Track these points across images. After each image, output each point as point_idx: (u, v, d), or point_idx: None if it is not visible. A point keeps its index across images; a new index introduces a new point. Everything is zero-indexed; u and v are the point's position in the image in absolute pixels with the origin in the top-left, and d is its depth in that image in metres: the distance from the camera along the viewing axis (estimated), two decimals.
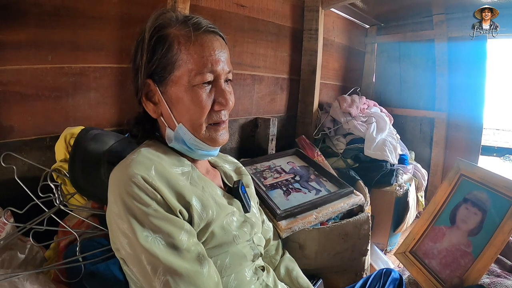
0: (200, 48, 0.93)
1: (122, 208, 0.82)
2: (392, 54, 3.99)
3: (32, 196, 1.25)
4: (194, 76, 0.92)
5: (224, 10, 2.25)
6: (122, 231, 0.83)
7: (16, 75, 1.44)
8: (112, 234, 0.90)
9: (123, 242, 0.84)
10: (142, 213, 0.81)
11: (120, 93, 1.77)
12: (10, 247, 1.25)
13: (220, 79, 0.97)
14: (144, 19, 1.02)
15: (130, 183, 0.82)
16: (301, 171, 2.00)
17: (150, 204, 0.82)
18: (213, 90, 0.96)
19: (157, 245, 0.80)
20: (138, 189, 0.82)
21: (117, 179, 0.86)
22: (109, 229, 0.91)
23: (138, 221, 0.81)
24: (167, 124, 1.01)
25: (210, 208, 0.93)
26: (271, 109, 2.82)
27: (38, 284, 1.14)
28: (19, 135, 1.47)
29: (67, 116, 1.60)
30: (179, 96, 0.94)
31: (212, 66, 0.93)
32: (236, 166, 1.34)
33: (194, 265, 0.82)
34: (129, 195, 0.82)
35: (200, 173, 1.04)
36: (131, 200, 0.82)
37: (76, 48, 1.59)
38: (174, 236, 0.82)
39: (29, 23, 1.44)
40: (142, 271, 0.82)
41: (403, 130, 3.64)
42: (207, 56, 0.93)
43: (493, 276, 1.75)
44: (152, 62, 0.95)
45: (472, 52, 3.43)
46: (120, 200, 0.83)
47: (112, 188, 0.87)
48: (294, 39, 2.91)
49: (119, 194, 0.83)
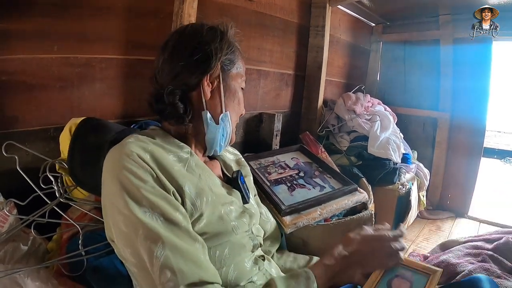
0: (243, 63, 1.14)
1: (119, 185, 0.82)
2: (397, 53, 3.97)
3: (35, 187, 1.24)
4: (242, 81, 1.13)
5: (232, 4, 2.23)
6: (118, 209, 0.82)
7: (21, 65, 1.42)
8: (107, 219, 0.89)
9: (118, 221, 0.82)
10: (140, 189, 0.81)
11: (126, 84, 1.76)
12: (13, 238, 1.24)
13: None
14: (151, 11, 1.04)
15: (128, 160, 0.83)
16: (305, 167, 1.97)
17: (148, 181, 0.83)
18: None
19: (155, 220, 0.80)
20: (135, 165, 0.83)
21: (113, 158, 0.87)
22: (104, 215, 0.90)
23: (136, 196, 0.81)
24: (213, 108, 1.06)
25: (205, 195, 0.93)
26: (276, 105, 2.80)
27: (39, 281, 1.13)
28: (23, 125, 1.46)
29: (72, 107, 1.59)
30: (236, 89, 1.10)
31: (244, 80, 1.15)
32: (236, 157, 1.36)
33: (193, 243, 0.83)
34: (126, 171, 0.82)
35: (199, 160, 1.04)
36: (128, 176, 0.82)
37: (82, 39, 1.57)
38: (171, 213, 0.82)
39: (35, 12, 1.42)
40: (139, 247, 0.79)
41: (406, 129, 3.62)
42: (244, 71, 1.15)
43: (493, 277, 1.75)
44: (226, 52, 1.05)
45: (477, 54, 3.42)
46: (116, 178, 0.82)
47: (108, 167, 0.87)
48: (301, 35, 2.89)
49: (115, 172, 0.84)
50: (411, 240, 3.10)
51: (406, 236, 1.09)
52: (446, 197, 3.77)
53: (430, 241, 3.05)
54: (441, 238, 3.09)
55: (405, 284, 1.28)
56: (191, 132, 1.05)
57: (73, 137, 1.30)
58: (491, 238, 2.26)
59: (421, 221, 3.49)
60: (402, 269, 1.34)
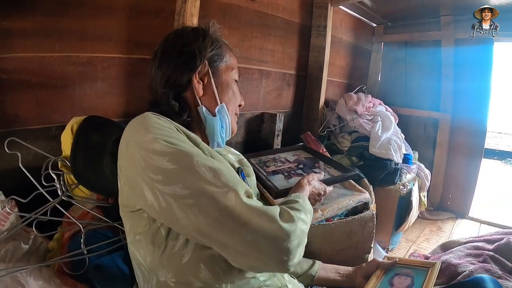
0: (233, 57, 1.20)
1: (150, 134, 0.86)
2: (398, 54, 3.97)
3: (37, 184, 1.24)
4: (234, 73, 1.19)
5: (234, 4, 2.23)
6: (157, 152, 0.83)
7: (23, 63, 1.42)
8: (134, 181, 0.87)
9: (160, 164, 0.82)
10: (172, 135, 0.88)
11: (128, 83, 1.76)
12: (14, 237, 1.23)
13: None
14: (153, 10, 1.07)
15: (153, 117, 0.93)
16: (306, 161, 1.88)
17: (174, 133, 0.90)
18: None
19: (197, 151, 0.89)
20: (161, 121, 0.92)
21: (137, 120, 0.94)
22: (126, 179, 0.91)
23: (169, 137, 0.86)
24: (208, 103, 1.13)
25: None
26: (278, 105, 2.80)
27: (42, 280, 1.12)
28: (24, 123, 1.46)
29: (73, 106, 1.59)
30: (228, 83, 1.16)
31: (237, 71, 1.22)
32: (239, 157, 1.41)
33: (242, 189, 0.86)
34: (154, 122, 0.90)
35: (207, 146, 1.06)
36: (157, 125, 0.89)
37: (84, 37, 1.57)
38: (214, 163, 0.87)
39: (37, 11, 1.42)
40: (190, 179, 0.81)
41: (407, 130, 3.62)
42: (236, 63, 1.21)
43: (494, 277, 1.75)
44: (211, 49, 1.11)
45: (479, 55, 3.42)
46: (145, 129, 0.88)
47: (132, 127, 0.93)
48: (302, 35, 2.89)
49: (143, 126, 0.90)
50: (412, 240, 3.10)
51: None
52: (447, 197, 3.77)
53: (431, 242, 3.05)
54: (442, 239, 3.09)
55: (406, 280, 1.32)
56: (194, 127, 1.11)
57: (76, 135, 1.30)
58: (492, 238, 2.26)
59: (422, 222, 3.49)
60: (401, 268, 1.40)
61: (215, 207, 0.79)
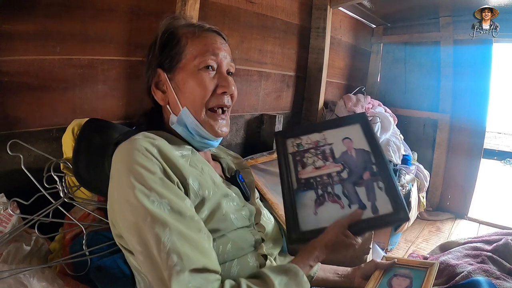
0: (204, 39, 1.05)
1: (129, 177, 0.84)
2: (397, 55, 3.98)
3: (39, 186, 1.25)
4: (198, 60, 1.02)
5: (233, 6, 2.24)
6: (126, 200, 0.83)
7: (24, 66, 1.43)
8: (113, 214, 0.91)
9: (126, 211, 0.83)
10: (148, 180, 0.83)
11: (128, 86, 1.77)
12: (16, 239, 1.24)
13: (222, 67, 1.06)
14: (153, 12, 1.09)
15: (137, 153, 0.85)
16: (356, 160, 1.26)
17: (156, 172, 0.85)
18: (216, 76, 1.05)
19: (163, 209, 0.81)
20: (144, 158, 0.85)
21: (123, 152, 0.89)
22: (110, 210, 0.92)
23: (145, 187, 0.82)
24: (172, 110, 1.07)
25: (207, 188, 0.95)
26: (277, 106, 2.81)
27: (45, 281, 1.13)
28: (26, 126, 1.47)
29: (74, 108, 1.60)
30: (185, 80, 1.03)
31: (214, 51, 1.04)
32: (239, 160, 1.38)
33: (198, 233, 0.84)
34: (135, 163, 0.84)
35: (200, 157, 1.06)
36: (138, 168, 0.84)
37: (84, 40, 1.58)
38: (178, 203, 0.84)
39: (38, 13, 1.43)
40: (144, 237, 0.81)
41: (406, 130, 3.64)
42: (209, 44, 1.05)
43: (492, 278, 1.76)
44: (163, 54, 1.05)
45: (478, 55, 3.43)
46: (127, 170, 0.85)
47: (118, 161, 0.89)
48: (302, 37, 2.90)
49: (125, 164, 0.86)
50: (410, 241, 3.11)
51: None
52: (446, 198, 3.78)
53: (430, 242, 3.07)
54: (441, 239, 3.10)
55: (405, 281, 1.28)
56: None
57: (78, 137, 1.31)
58: (491, 239, 2.27)
59: (421, 222, 3.51)
60: (399, 268, 1.36)
61: (155, 277, 0.80)
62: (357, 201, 1.13)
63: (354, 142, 1.30)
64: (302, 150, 1.32)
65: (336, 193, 1.17)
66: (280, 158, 1.28)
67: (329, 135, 1.35)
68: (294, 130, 1.46)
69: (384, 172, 1.16)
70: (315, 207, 1.15)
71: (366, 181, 1.16)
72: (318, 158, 1.29)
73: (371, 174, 1.18)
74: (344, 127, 1.37)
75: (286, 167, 1.26)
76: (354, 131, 1.34)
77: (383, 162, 1.20)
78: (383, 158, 1.21)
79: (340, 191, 1.17)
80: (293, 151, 1.32)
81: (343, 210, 1.12)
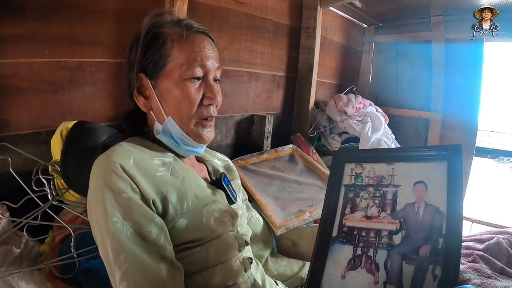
0: (191, 45, 1.00)
1: (98, 195, 0.85)
2: (389, 54, 3.99)
3: (27, 189, 1.26)
4: (185, 70, 0.98)
5: (222, 7, 2.24)
6: (95, 218, 0.85)
7: (12, 69, 1.43)
8: (92, 227, 0.91)
9: (95, 228, 0.86)
10: (115, 200, 0.83)
11: (116, 88, 1.76)
12: (5, 241, 1.25)
13: (209, 75, 1.03)
14: (142, 14, 1.06)
15: (109, 171, 0.85)
16: (420, 223, 0.89)
17: (125, 191, 0.84)
18: (202, 86, 1.02)
19: (124, 232, 0.81)
20: (115, 176, 0.84)
21: (97, 168, 0.89)
22: (90, 221, 0.92)
23: (110, 206, 0.83)
24: (156, 118, 1.05)
25: (186, 200, 0.95)
26: (267, 107, 2.82)
27: (33, 283, 1.14)
28: (15, 129, 1.47)
29: (63, 111, 1.60)
30: (170, 89, 1.00)
31: (202, 61, 1.00)
32: (225, 163, 1.38)
33: (158, 261, 0.83)
34: (105, 182, 0.84)
35: (183, 164, 1.06)
36: (107, 187, 0.84)
37: (73, 42, 1.58)
38: (143, 226, 0.83)
39: (26, 16, 1.43)
40: (106, 258, 0.83)
41: (398, 130, 3.64)
42: (198, 52, 1.00)
43: (483, 277, 1.76)
44: (146, 57, 1.00)
45: (469, 54, 3.44)
46: (97, 188, 0.85)
47: (92, 177, 0.90)
48: (292, 37, 2.90)
49: (97, 182, 0.87)
50: None
51: None
52: None
53: None
54: None
55: None
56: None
57: (66, 140, 1.31)
58: (482, 238, 2.27)
59: None
60: None
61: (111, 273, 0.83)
62: (397, 282, 0.86)
63: (429, 192, 0.93)
64: (358, 185, 1.05)
65: (376, 261, 0.90)
66: (330, 186, 1.07)
67: (400, 171, 1.01)
68: (358, 154, 1.25)
69: (451, 254, 0.81)
70: (346, 269, 0.93)
71: (420, 259, 0.84)
72: (373, 203, 1.00)
73: (432, 251, 0.84)
74: (425, 162, 0.98)
75: (334, 203, 1.04)
76: (435, 172, 0.94)
77: (456, 238, 0.82)
78: (458, 233, 0.83)
79: (382, 260, 0.89)
80: (348, 183, 1.06)
81: (375, 287, 0.88)
